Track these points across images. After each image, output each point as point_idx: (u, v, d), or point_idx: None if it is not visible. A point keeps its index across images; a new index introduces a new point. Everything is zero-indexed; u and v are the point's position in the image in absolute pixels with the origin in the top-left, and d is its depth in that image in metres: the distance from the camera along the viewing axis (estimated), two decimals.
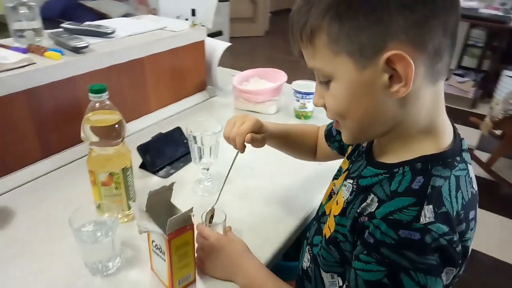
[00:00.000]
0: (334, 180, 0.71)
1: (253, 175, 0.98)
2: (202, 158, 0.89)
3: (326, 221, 0.64)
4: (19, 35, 1.04)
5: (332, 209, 0.63)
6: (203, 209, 0.76)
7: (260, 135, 0.77)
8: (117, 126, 0.75)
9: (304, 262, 0.71)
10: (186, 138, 0.88)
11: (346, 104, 0.52)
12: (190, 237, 0.64)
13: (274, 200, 0.91)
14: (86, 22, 1.18)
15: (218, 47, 1.45)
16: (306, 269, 0.70)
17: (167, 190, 0.67)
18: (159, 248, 0.64)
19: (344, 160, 0.71)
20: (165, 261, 0.63)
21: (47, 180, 0.95)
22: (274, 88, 1.33)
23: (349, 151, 0.72)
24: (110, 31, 1.15)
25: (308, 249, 0.70)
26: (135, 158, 0.94)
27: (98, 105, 0.74)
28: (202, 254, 0.70)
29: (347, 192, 0.59)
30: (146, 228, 0.62)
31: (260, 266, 0.69)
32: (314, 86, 0.59)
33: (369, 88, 0.49)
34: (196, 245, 0.69)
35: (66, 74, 0.96)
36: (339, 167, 0.71)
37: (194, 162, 0.91)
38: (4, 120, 0.87)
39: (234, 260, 0.69)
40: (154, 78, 1.22)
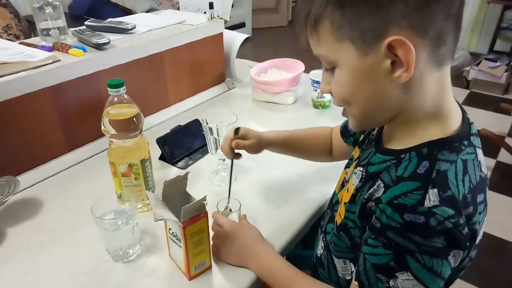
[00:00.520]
0: (346, 168, 0.72)
1: (268, 164, 0.99)
2: (218, 149, 0.90)
3: (338, 209, 0.65)
4: (45, 34, 1.09)
5: (343, 196, 0.63)
6: (219, 198, 0.78)
7: (248, 141, 0.81)
8: (134, 119, 0.78)
9: (318, 250, 0.72)
10: (203, 130, 0.91)
11: (350, 90, 0.53)
12: (204, 224, 0.66)
13: (289, 189, 0.92)
14: (108, 19, 1.22)
15: (236, 39, 1.45)
16: (320, 256, 0.71)
17: (182, 179, 0.69)
18: (176, 235, 0.67)
19: (355, 148, 0.72)
20: (181, 247, 0.66)
21: (72, 172, 1.00)
22: (292, 78, 1.32)
23: (360, 140, 0.72)
24: (130, 27, 1.18)
25: (322, 237, 0.71)
26: (155, 150, 0.97)
27: (116, 99, 0.77)
28: (217, 241, 0.72)
29: (357, 179, 0.60)
30: (162, 216, 0.64)
31: (273, 252, 0.70)
32: None
33: (372, 74, 0.50)
34: (211, 233, 0.71)
35: (88, 70, 1.00)
36: (351, 156, 0.72)
37: (211, 153, 0.94)
38: (32, 115, 0.92)
39: (248, 246, 0.70)
40: (173, 72, 1.25)
